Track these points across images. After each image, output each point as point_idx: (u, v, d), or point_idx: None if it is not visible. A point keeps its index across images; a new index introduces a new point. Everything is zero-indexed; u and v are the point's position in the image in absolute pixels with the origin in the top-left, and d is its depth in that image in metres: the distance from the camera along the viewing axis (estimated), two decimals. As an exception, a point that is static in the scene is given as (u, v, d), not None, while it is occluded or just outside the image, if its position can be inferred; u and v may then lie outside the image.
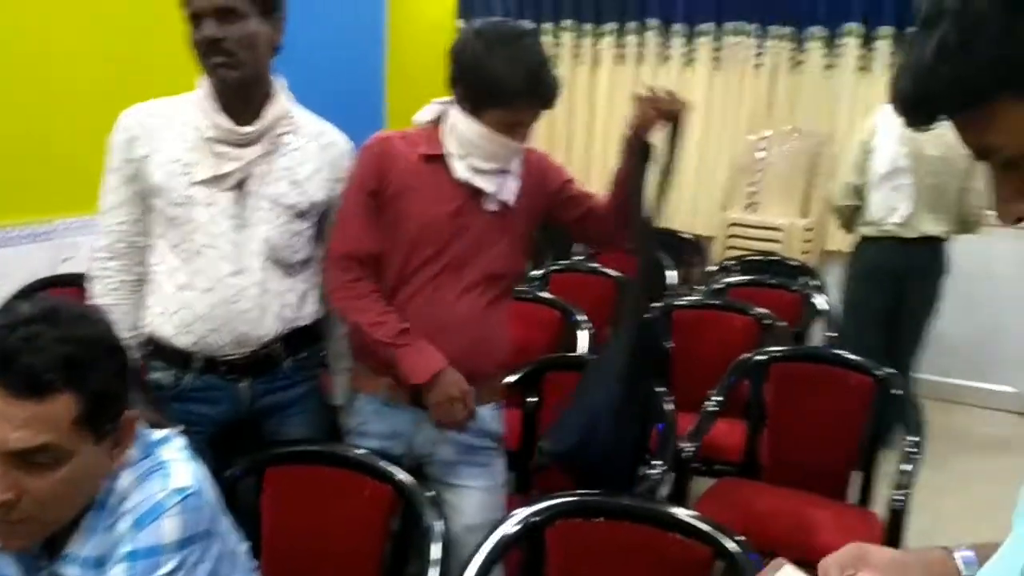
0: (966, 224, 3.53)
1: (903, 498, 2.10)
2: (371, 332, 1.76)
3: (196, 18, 1.65)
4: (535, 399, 2.38)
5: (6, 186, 2.78)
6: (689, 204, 4.74)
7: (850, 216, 3.66)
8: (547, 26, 4.88)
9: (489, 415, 1.90)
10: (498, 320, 1.87)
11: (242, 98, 1.72)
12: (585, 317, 2.89)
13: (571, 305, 2.95)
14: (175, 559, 1.14)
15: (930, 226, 3.48)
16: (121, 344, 1.20)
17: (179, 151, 1.71)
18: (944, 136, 3.56)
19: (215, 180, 1.71)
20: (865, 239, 3.63)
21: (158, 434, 1.28)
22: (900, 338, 3.67)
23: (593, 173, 4.90)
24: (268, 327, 1.78)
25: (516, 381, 2.32)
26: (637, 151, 1.80)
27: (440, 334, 1.77)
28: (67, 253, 3.01)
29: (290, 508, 1.76)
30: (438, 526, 1.62)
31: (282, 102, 1.78)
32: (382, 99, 4.57)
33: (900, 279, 3.56)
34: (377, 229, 1.78)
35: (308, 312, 1.86)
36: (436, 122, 1.80)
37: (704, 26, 4.58)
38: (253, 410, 1.84)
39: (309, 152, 1.81)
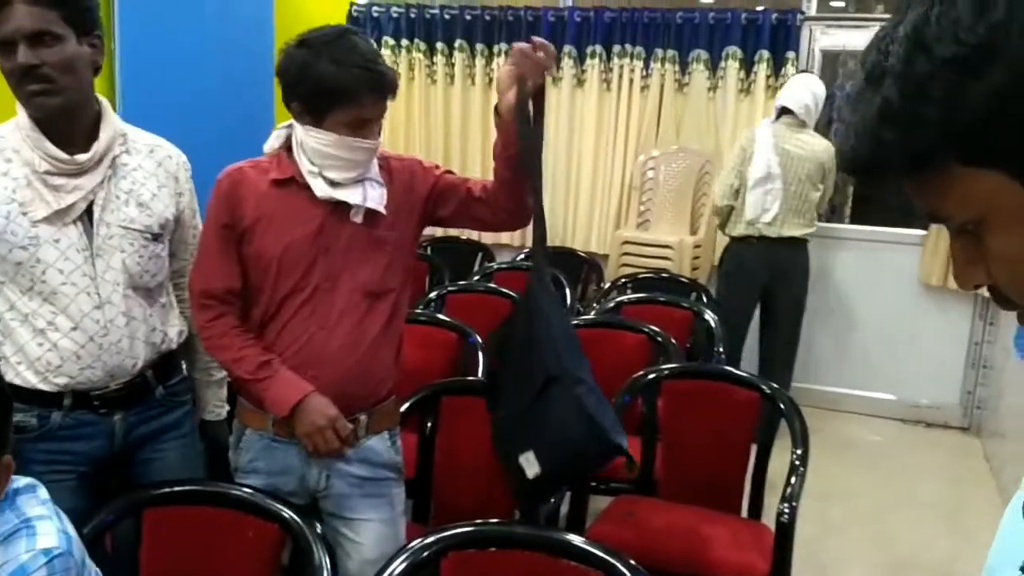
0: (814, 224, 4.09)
1: (790, 511, 2.16)
2: (233, 369, 1.74)
3: (6, 44, 1.54)
4: (431, 424, 2.35)
5: None
6: (584, 223, 4.81)
7: (727, 216, 4.11)
8: (440, 45, 4.88)
9: (382, 444, 1.85)
10: (383, 342, 1.80)
11: (69, 125, 1.63)
12: (482, 340, 2.88)
13: (468, 327, 2.93)
14: None
15: (794, 229, 4.02)
16: (4, 392, 1.16)
17: (11, 192, 1.60)
18: (809, 145, 3.91)
19: (58, 215, 1.62)
20: (734, 240, 4.12)
21: (21, 481, 1.23)
22: (772, 337, 4.20)
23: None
24: (139, 355, 1.74)
25: (412, 406, 2.29)
26: (519, 112, 1.71)
27: (317, 364, 1.72)
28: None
29: (171, 552, 1.68)
30: (327, 563, 1.57)
31: (113, 122, 1.71)
32: (272, 112, 4.47)
33: (765, 278, 4.06)
34: (234, 263, 1.73)
35: (174, 333, 1.84)
36: (287, 148, 1.76)
37: (592, 48, 4.66)
38: (127, 443, 1.77)
39: (148, 169, 1.76)
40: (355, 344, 1.75)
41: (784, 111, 4.01)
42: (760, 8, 4.44)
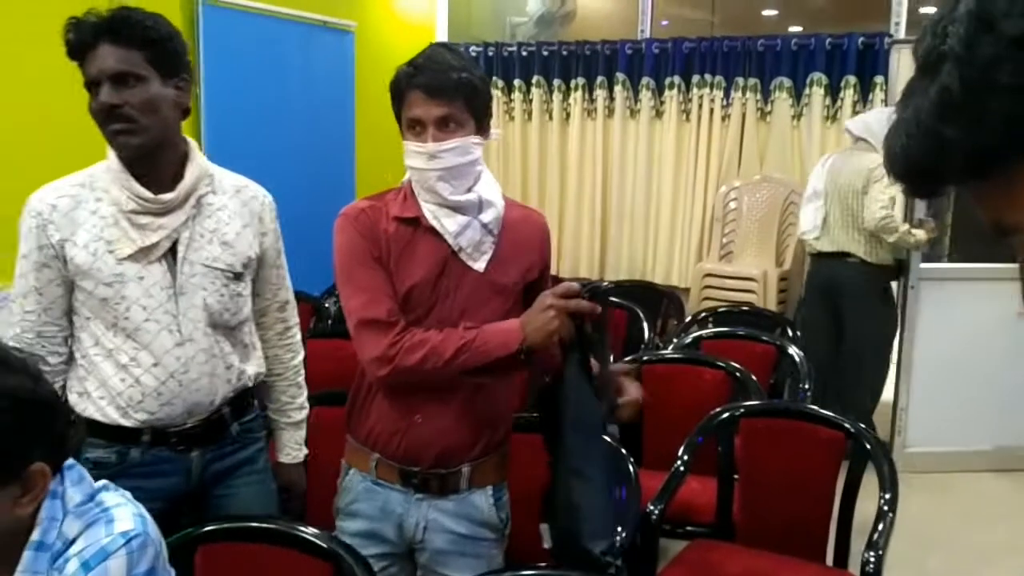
0: (878, 238, 3.86)
1: (875, 559, 2.01)
2: (443, 352, 1.59)
3: (93, 85, 1.59)
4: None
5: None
6: (664, 256, 4.71)
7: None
8: (517, 82, 4.90)
9: (484, 501, 1.75)
10: (493, 390, 1.71)
11: (154, 164, 1.66)
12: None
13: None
14: None
15: (844, 243, 3.92)
16: (36, 399, 1.22)
17: (99, 229, 1.64)
18: (856, 158, 3.74)
19: (142, 253, 1.65)
20: (809, 255, 4.16)
21: (100, 483, 1.33)
22: (844, 357, 3.99)
23: (566, 228, 4.88)
24: (218, 392, 1.74)
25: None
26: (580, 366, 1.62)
27: (423, 406, 1.66)
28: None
29: (225, 589, 1.66)
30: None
31: (199, 162, 1.73)
32: (353, 153, 4.56)
33: (828, 296, 4.00)
34: (392, 288, 1.65)
35: (251, 372, 1.84)
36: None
37: (671, 79, 4.60)
38: (203, 480, 1.78)
39: (233, 209, 1.77)
40: (463, 391, 1.67)
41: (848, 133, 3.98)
42: (846, 33, 4.29)
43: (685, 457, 2.44)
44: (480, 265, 1.67)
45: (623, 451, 2.13)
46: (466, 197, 1.64)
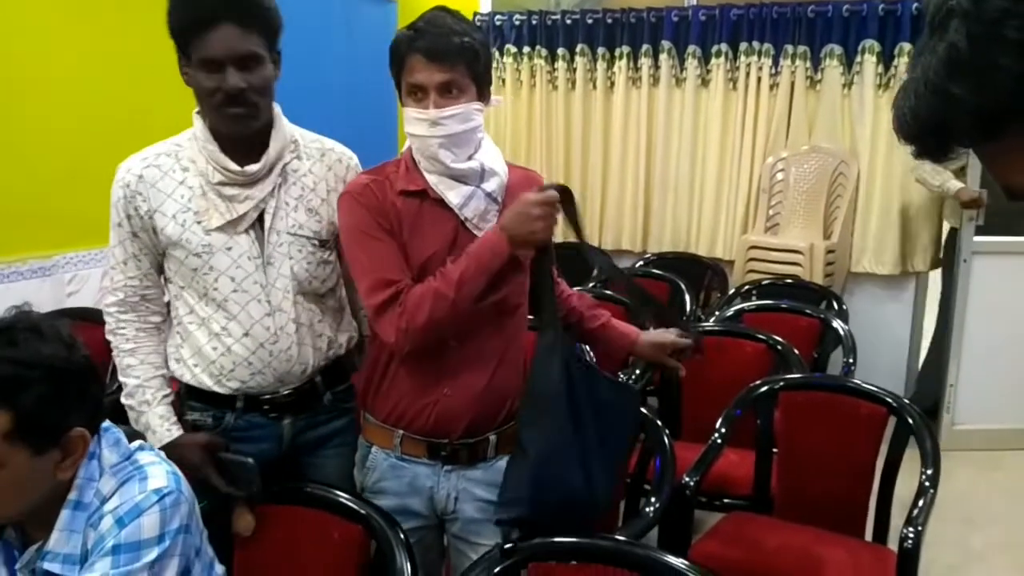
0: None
1: (914, 536, 1.98)
2: (438, 289, 1.58)
3: (214, 64, 1.56)
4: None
5: (2, 224, 2.79)
6: (709, 227, 4.65)
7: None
8: (561, 51, 4.85)
9: None
10: (512, 359, 1.72)
11: (245, 137, 1.66)
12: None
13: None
14: (155, 551, 1.26)
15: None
16: (71, 367, 1.26)
17: (186, 200, 1.66)
18: None
19: (231, 224, 1.66)
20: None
21: (136, 443, 1.39)
22: None
23: (609, 199, 4.84)
24: (308, 362, 1.75)
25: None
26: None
27: (451, 379, 1.66)
28: (70, 288, 3.02)
29: (260, 548, 1.70)
30: (408, 568, 1.55)
31: (284, 130, 1.72)
32: (396, 133, 4.57)
33: None
34: (403, 259, 1.63)
35: (343, 339, 1.84)
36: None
37: (718, 47, 4.50)
38: (294, 447, 1.80)
39: (318, 174, 1.77)
40: (487, 360, 1.68)
41: None
42: (899, -3, 4.16)
43: (723, 430, 2.43)
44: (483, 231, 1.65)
45: (657, 423, 2.12)
46: (468, 165, 1.62)
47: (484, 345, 1.67)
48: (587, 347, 2.05)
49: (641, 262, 4.58)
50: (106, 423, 1.36)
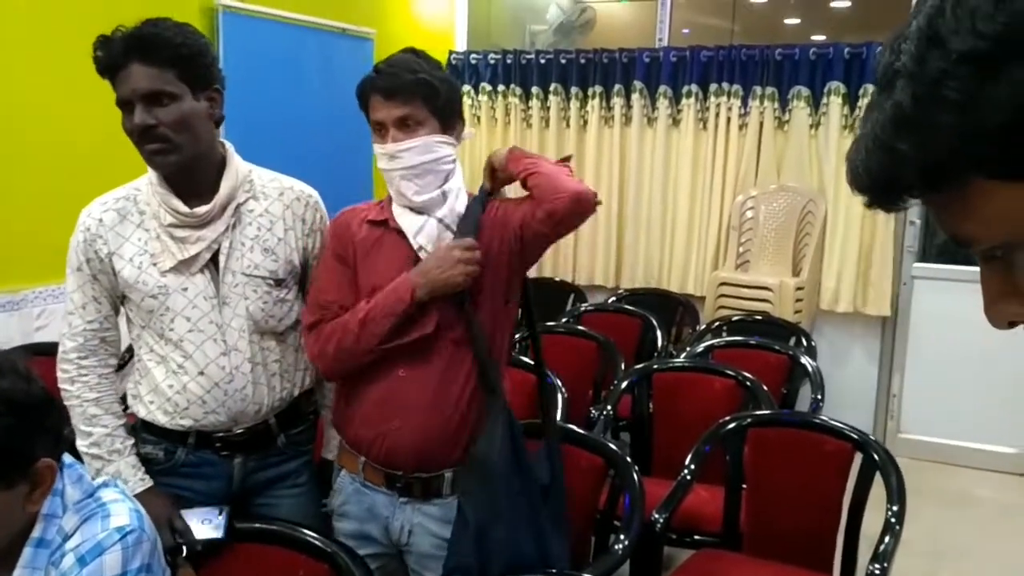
0: None
1: (881, 571, 2.00)
2: (348, 327, 1.67)
3: (126, 104, 1.59)
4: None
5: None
6: (680, 264, 4.70)
7: None
8: (535, 90, 4.92)
9: None
10: (474, 394, 1.70)
11: (192, 178, 1.67)
12: (561, 383, 2.83)
13: (548, 370, 2.88)
14: None
15: None
16: (31, 399, 1.25)
17: (143, 243, 1.68)
18: None
19: (184, 265, 1.68)
20: None
21: (101, 479, 1.39)
22: None
23: (582, 235, 4.88)
24: (263, 402, 1.75)
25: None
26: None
27: (402, 412, 1.67)
28: (39, 322, 2.99)
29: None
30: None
31: (236, 170, 1.73)
32: (371, 169, 4.59)
33: None
34: (349, 286, 1.73)
35: (300, 378, 1.84)
36: None
37: (688, 88, 4.59)
38: (245, 486, 1.80)
39: (275, 213, 1.77)
40: (441, 394, 1.68)
41: None
42: (864, 42, 4.27)
43: (692, 466, 2.44)
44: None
45: (627, 460, 2.13)
46: (430, 195, 1.70)
47: (440, 379, 1.68)
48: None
49: (613, 298, 4.62)
50: (69, 459, 1.35)
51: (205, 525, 1.67)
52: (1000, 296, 0.55)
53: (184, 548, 1.64)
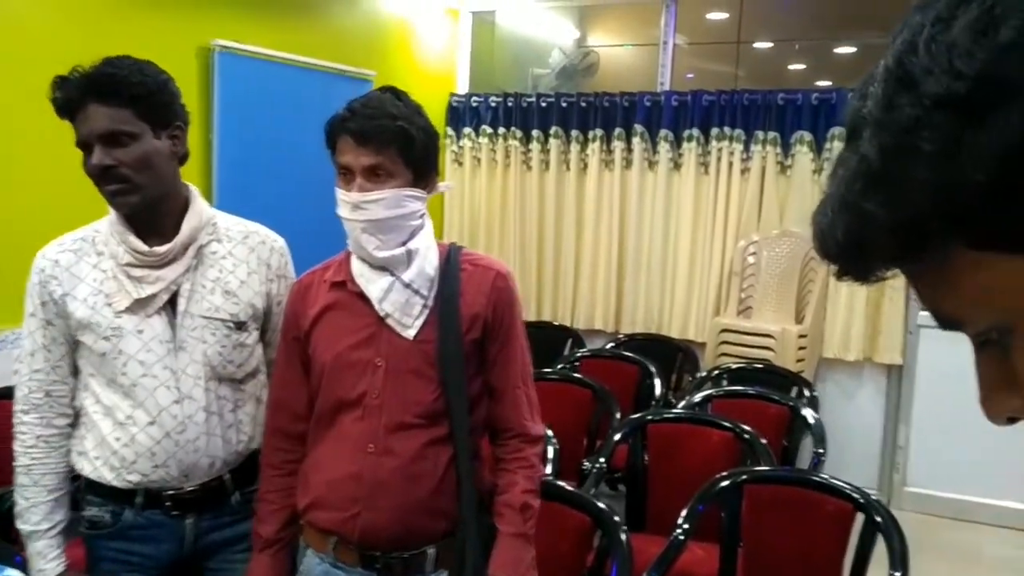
0: None
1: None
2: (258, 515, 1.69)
3: (86, 146, 1.55)
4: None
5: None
6: (681, 310, 4.63)
7: None
8: (535, 132, 4.89)
9: None
10: (448, 473, 1.57)
11: (153, 217, 1.62)
12: (552, 433, 2.74)
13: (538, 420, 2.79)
14: None
15: None
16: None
17: (98, 284, 1.61)
18: None
19: (139, 305, 1.61)
20: None
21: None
22: None
23: (582, 279, 4.82)
24: (217, 455, 1.67)
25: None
26: None
27: (369, 493, 1.54)
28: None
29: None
30: None
31: (200, 211, 1.68)
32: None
33: None
34: (297, 382, 1.64)
35: (258, 431, 1.74)
36: None
37: (690, 132, 4.55)
38: (196, 549, 1.70)
39: (239, 256, 1.71)
40: (413, 470, 1.55)
41: None
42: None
43: (685, 526, 2.34)
44: (411, 332, 1.57)
45: (616, 518, 2.03)
46: (393, 252, 1.55)
47: (412, 454, 1.56)
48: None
49: (613, 343, 4.54)
50: None
51: None
52: (996, 387, 0.47)
53: None
